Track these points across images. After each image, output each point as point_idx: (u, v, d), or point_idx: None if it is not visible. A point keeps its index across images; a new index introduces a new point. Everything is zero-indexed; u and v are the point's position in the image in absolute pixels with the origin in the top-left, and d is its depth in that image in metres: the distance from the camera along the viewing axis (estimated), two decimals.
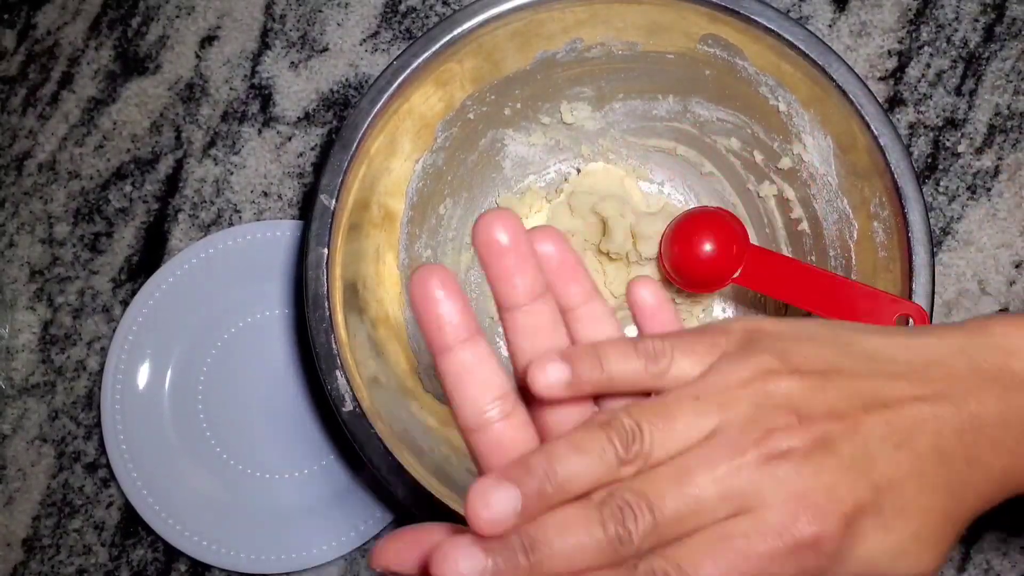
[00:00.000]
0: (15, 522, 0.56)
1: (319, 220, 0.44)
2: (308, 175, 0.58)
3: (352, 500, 0.53)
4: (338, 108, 0.58)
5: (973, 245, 0.55)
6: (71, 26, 0.60)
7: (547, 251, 0.26)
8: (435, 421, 0.48)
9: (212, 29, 0.59)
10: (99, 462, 0.56)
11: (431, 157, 0.51)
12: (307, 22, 0.59)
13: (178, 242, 0.58)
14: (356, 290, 0.47)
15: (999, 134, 0.56)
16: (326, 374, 0.43)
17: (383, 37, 0.59)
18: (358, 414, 0.43)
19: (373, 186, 0.47)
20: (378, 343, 0.47)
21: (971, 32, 0.57)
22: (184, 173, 0.58)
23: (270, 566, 0.53)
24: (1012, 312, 0.54)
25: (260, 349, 0.56)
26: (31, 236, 0.58)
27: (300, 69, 0.59)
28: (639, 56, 0.49)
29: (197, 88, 0.59)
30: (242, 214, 0.58)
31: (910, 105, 0.57)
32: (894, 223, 0.44)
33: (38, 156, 0.59)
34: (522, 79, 0.50)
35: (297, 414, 0.55)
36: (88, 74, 0.59)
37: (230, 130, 0.58)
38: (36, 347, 0.57)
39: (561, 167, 0.56)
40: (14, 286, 0.58)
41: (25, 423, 0.56)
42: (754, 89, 0.48)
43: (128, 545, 0.55)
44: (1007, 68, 0.57)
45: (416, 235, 0.52)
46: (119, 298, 0.57)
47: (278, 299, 0.56)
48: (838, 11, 0.58)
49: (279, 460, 0.55)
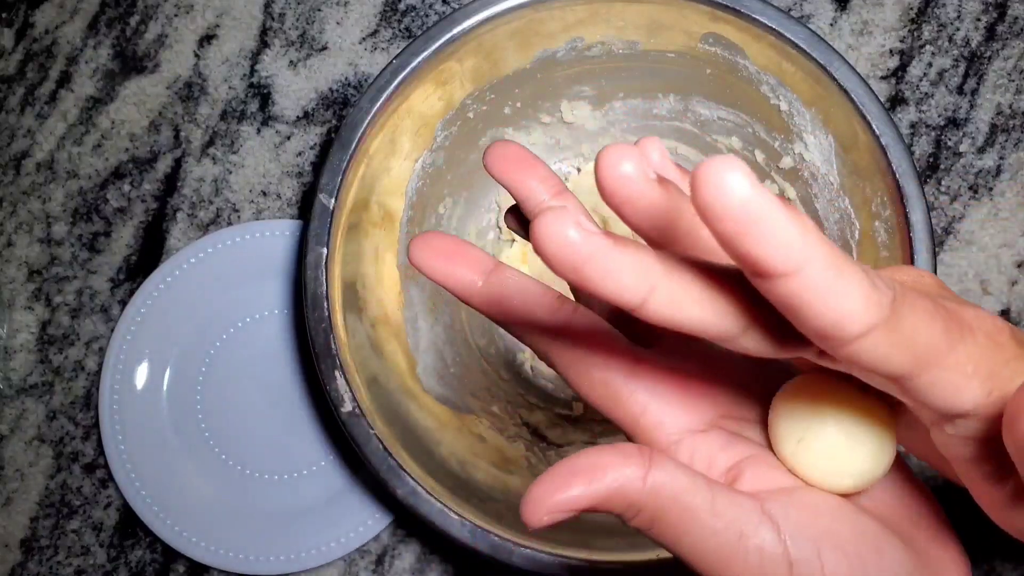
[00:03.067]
0: (13, 523, 0.55)
1: (318, 220, 0.44)
2: (307, 174, 0.58)
3: (352, 500, 0.53)
4: (337, 107, 0.58)
5: (975, 245, 0.55)
6: (69, 25, 0.60)
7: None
8: (435, 421, 0.48)
9: (211, 28, 0.59)
10: (97, 463, 0.56)
11: (431, 156, 0.50)
12: (306, 21, 0.59)
13: (176, 241, 0.57)
14: (355, 290, 0.46)
15: (1001, 133, 0.56)
16: (325, 374, 0.43)
17: (382, 36, 0.59)
18: (357, 414, 0.43)
19: (372, 185, 0.47)
20: (377, 343, 0.47)
21: (973, 31, 0.57)
22: (183, 172, 0.58)
23: (270, 566, 0.52)
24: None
25: (259, 349, 0.55)
26: (29, 236, 0.58)
27: (299, 68, 0.58)
28: (640, 55, 0.49)
29: (196, 87, 0.59)
30: (241, 213, 0.58)
31: (912, 104, 0.56)
32: (896, 223, 0.44)
33: (36, 155, 0.59)
34: (522, 78, 0.50)
35: (296, 414, 0.55)
36: (86, 73, 0.59)
37: (229, 129, 0.58)
38: (34, 347, 0.57)
39: (561, 166, 0.56)
40: (12, 286, 0.57)
41: (23, 423, 0.56)
42: (755, 88, 0.48)
43: (126, 546, 0.55)
44: (1009, 67, 0.57)
45: (416, 235, 0.52)
46: (117, 298, 0.57)
47: (277, 299, 0.56)
48: (839, 10, 0.58)
49: (278, 460, 0.54)
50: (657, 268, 0.18)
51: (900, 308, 0.18)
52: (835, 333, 0.17)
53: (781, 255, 0.16)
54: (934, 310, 0.19)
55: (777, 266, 0.16)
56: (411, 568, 0.54)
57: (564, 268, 0.18)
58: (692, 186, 0.16)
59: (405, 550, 0.54)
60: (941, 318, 0.19)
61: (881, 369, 0.18)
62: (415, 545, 0.54)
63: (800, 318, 0.17)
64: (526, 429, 0.52)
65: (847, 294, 0.17)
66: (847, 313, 0.17)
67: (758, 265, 0.17)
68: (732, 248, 0.17)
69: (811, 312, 0.17)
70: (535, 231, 0.18)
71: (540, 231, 0.17)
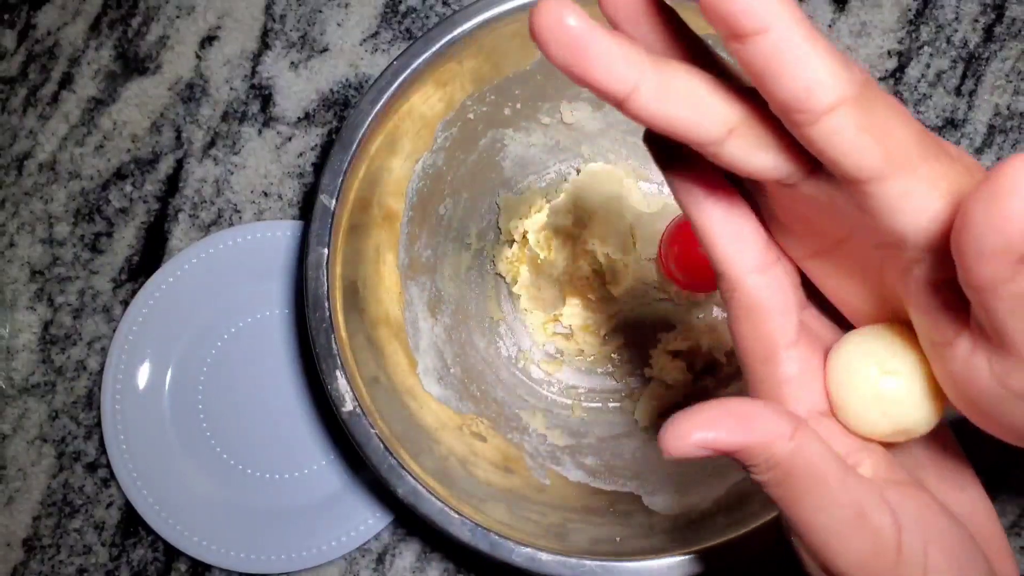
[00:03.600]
0: (15, 522, 0.56)
1: (319, 220, 0.45)
2: (308, 175, 0.58)
3: (352, 500, 0.53)
4: (338, 108, 0.58)
5: None
6: (71, 26, 0.60)
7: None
8: (435, 421, 0.48)
9: (212, 29, 0.59)
10: (99, 462, 0.56)
11: (431, 157, 0.51)
12: (307, 22, 0.59)
13: (178, 242, 0.58)
14: (356, 290, 0.47)
15: (999, 134, 0.56)
16: (326, 374, 0.43)
17: (383, 37, 0.59)
18: (358, 414, 0.43)
19: (373, 186, 0.48)
20: (378, 343, 0.47)
21: (971, 32, 0.57)
22: (184, 173, 0.58)
23: (270, 566, 0.53)
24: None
25: (260, 349, 0.56)
26: (31, 236, 0.58)
27: (300, 69, 0.59)
28: None
29: (197, 88, 0.59)
30: (242, 214, 0.58)
31: (910, 105, 0.57)
32: None
33: (38, 156, 0.59)
34: (522, 79, 0.50)
35: (297, 414, 0.55)
36: (88, 74, 0.59)
37: (230, 130, 0.58)
38: (36, 347, 0.57)
39: (561, 167, 0.56)
40: (14, 286, 0.58)
41: (25, 423, 0.56)
42: None
43: (128, 545, 0.55)
44: (1007, 68, 0.57)
45: (416, 235, 0.52)
46: (119, 298, 0.57)
47: (278, 299, 0.56)
48: (838, 11, 0.58)
49: (279, 460, 0.55)
50: (646, 62, 0.19)
51: (871, 96, 0.18)
52: (803, 104, 0.18)
53: (751, 11, 0.17)
54: (910, 118, 0.19)
55: (747, 24, 0.17)
56: (411, 567, 0.54)
57: (559, 54, 0.18)
58: None
59: (405, 549, 0.54)
60: (917, 128, 0.19)
61: (850, 159, 0.18)
62: (415, 544, 0.54)
63: (771, 87, 0.18)
64: (526, 429, 0.52)
65: (815, 62, 0.17)
66: (815, 80, 0.17)
67: (730, 23, 0.17)
68: (709, 8, 0.17)
69: (781, 77, 0.17)
70: (533, 15, 0.18)
71: (539, 15, 0.18)
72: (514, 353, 0.55)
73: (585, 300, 0.55)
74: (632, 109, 0.19)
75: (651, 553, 0.42)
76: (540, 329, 0.55)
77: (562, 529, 0.45)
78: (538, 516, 0.45)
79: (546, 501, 0.47)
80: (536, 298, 0.55)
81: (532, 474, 0.49)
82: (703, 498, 0.46)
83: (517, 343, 0.55)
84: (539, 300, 0.55)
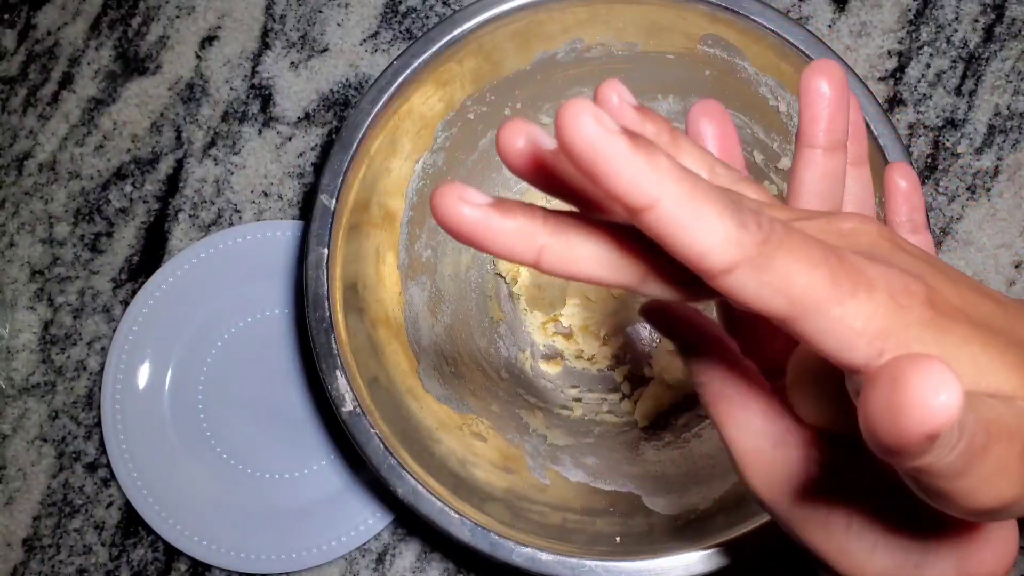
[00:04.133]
0: (15, 522, 0.56)
1: (319, 220, 0.45)
2: (308, 175, 0.58)
3: (352, 500, 0.53)
4: (338, 108, 0.58)
5: (973, 245, 0.55)
6: (71, 26, 0.60)
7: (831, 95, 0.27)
8: (435, 421, 0.48)
9: (212, 29, 0.59)
10: (99, 462, 0.56)
11: (431, 157, 0.51)
12: (307, 22, 0.59)
13: (178, 242, 0.58)
14: (356, 290, 0.47)
15: (999, 134, 0.56)
16: (326, 374, 0.43)
17: (383, 37, 0.59)
18: (358, 414, 0.43)
19: (373, 186, 0.48)
20: (378, 343, 0.47)
21: (971, 32, 0.57)
22: (184, 173, 0.58)
23: (270, 566, 0.53)
24: None
25: (260, 349, 0.56)
26: (31, 236, 0.58)
27: (300, 69, 0.59)
28: (639, 56, 0.49)
29: (197, 88, 0.59)
30: (242, 214, 0.58)
31: (910, 105, 0.57)
32: None
33: (38, 156, 0.59)
34: (522, 79, 0.50)
35: (297, 414, 0.55)
36: (88, 74, 0.59)
37: (230, 130, 0.58)
38: (36, 347, 0.57)
39: None
40: (14, 286, 0.58)
41: (25, 423, 0.56)
42: (754, 89, 0.48)
43: (128, 545, 0.55)
44: (1007, 68, 0.57)
45: (416, 235, 0.52)
46: (119, 298, 0.57)
47: (278, 299, 0.56)
48: (838, 11, 0.58)
49: (279, 460, 0.55)
50: (544, 229, 0.20)
51: (772, 249, 0.18)
52: (700, 266, 0.18)
53: (634, 190, 0.17)
54: (822, 258, 0.19)
55: (632, 201, 0.18)
56: (411, 567, 0.54)
57: (460, 237, 0.19)
58: (555, 129, 0.17)
59: (406, 549, 0.54)
60: (829, 267, 0.19)
61: (756, 306, 0.19)
62: (415, 544, 0.54)
63: (671, 251, 0.18)
64: (526, 429, 0.52)
65: (704, 229, 0.18)
66: (707, 248, 0.18)
67: (619, 201, 0.18)
68: (598, 187, 0.18)
69: (676, 244, 0.18)
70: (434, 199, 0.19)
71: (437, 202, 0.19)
72: (514, 353, 0.55)
73: (585, 300, 0.55)
74: (545, 271, 0.20)
75: (651, 553, 0.42)
76: (540, 329, 0.55)
77: (562, 529, 0.45)
78: (538, 516, 0.45)
79: (546, 501, 0.47)
80: (536, 298, 0.55)
81: (532, 474, 0.49)
82: (703, 498, 0.46)
83: (517, 343, 0.55)
84: (539, 300, 0.55)
